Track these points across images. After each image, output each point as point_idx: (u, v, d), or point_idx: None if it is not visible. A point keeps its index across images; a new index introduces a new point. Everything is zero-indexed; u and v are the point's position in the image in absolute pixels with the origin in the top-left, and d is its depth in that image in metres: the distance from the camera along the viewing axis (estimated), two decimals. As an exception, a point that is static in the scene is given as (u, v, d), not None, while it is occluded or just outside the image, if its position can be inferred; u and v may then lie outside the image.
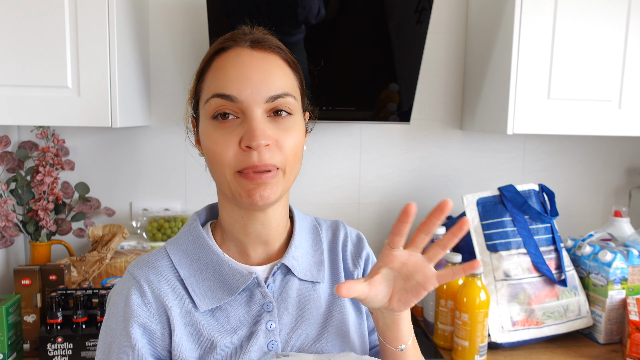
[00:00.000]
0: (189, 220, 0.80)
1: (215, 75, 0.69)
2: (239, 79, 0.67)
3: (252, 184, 0.67)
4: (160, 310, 0.71)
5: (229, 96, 0.67)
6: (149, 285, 0.72)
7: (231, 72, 0.67)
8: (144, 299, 0.71)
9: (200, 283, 0.73)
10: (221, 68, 0.69)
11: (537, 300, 1.36)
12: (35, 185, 1.50)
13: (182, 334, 0.70)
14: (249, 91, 0.66)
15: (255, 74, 0.67)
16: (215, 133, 0.68)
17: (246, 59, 0.68)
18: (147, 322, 0.70)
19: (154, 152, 1.68)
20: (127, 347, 0.69)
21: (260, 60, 0.69)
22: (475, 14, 1.68)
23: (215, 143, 0.68)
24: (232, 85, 0.67)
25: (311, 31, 1.47)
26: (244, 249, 0.76)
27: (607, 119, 1.49)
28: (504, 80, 1.47)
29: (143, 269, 0.73)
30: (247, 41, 0.70)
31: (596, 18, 1.44)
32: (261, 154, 0.66)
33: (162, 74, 1.66)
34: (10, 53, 1.25)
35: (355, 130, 1.76)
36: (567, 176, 1.88)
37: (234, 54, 0.69)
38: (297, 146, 0.70)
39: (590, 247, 1.47)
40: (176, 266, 0.74)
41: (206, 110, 0.69)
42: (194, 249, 0.75)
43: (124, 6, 1.35)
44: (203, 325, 0.71)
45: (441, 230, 1.44)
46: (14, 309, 1.24)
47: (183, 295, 0.72)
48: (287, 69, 0.72)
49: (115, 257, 1.48)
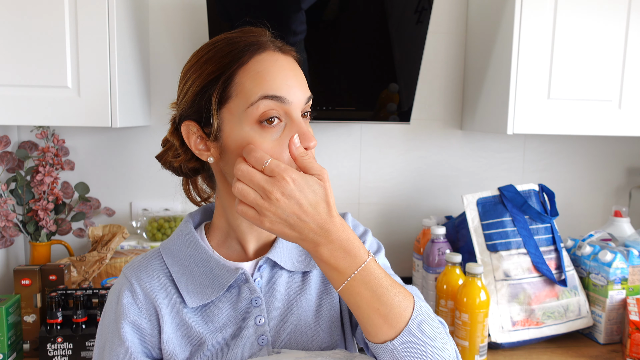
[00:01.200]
0: (182, 221, 0.81)
1: (259, 77, 0.67)
2: (287, 81, 0.68)
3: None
4: (150, 309, 0.73)
5: (281, 97, 0.67)
6: (140, 284, 0.73)
7: (278, 75, 0.68)
8: (134, 298, 0.73)
9: (190, 280, 0.74)
10: (264, 71, 0.67)
11: (537, 300, 1.36)
12: (35, 185, 1.50)
13: (172, 331, 0.72)
14: (294, 94, 0.68)
15: (295, 78, 0.69)
16: (264, 138, 0.66)
17: (285, 63, 0.69)
18: (138, 320, 0.72)
19: (154, 152, 1.67)
20: (118, 346, 0.71)
21: (292, 64, 0.71)
22: (475, 14, 1.68)
23: (270, 146, 0.66)
24: (282, 87, 0.67)
25: (311, 31, 1.47)
26: (245, 247, 0.77)
27: (607, 119, 1.49)
28: (504, 80, 1.47)
29: (135, 269, 0.75)
30: (272, 44, 0.71)
31: (596, 18, 1.44)
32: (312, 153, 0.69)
33: (162, 74, 1.66)
34: (10, 53, 1.25)
35: (355, 130, 1.76)
36: (567, 176, 1.88)
37: (271, 58, 0.69)
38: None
39: (590, 247, 1.47)
40: (167, 265, 0.75)
41: (251, 114, 0.67)
42: (185, 248, 0.77)
43: (124, 6, 1.35)
44: (192, 322, 0.72)
45: (441, 230, 1.44)
46: (14, 309, 1.24)
47: (173, 293, 0.74)
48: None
49: (115, 257, 1.48)
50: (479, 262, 1.36)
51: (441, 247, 1.44)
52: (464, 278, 1.29)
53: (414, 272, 1.60)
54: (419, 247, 1.58)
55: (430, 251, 1.46)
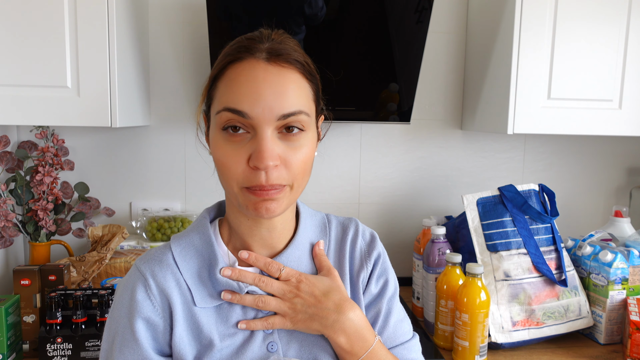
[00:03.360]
0: (199, 216, 0.80)
1: (228, 87, 0.67)
2: (252, 96, 0.65)
3: (258, 199, 0.68)
4: (164, 305, 0.72)
5: (241, 112, 0.65)
6: (154, 279, 0.72)
7: (244, 87, 0.66)
8: (148, 293, 0.72)
9: (198, 284, 0.73)
10: (234, 80, 0.67)
11: (538, 301, 1.36)
12: (34, 185, 1.50)
13: (183, 329, 0.71)
14: (260, 109, 0.65)
15: (269, 91, 0.65)
16: (225, 145, 0.68)
17: (260, 74, 0.66)
18: (151, 316, 0.71)
19: (154, 152, 1.68)
20: (130, 341, 0.70)
21: (276, 76, 0.66)
22: (475, 14, 1.68)
23: (225, 156, 0.67)
24: (244, 101, 0.65)
25: (311, 31, 1.47)
26: (249, 249, 0.77)
27: (607, 119, 1.49)
28: (504, 80, 1.47)
29: (149, 263, 0.74)
30: (264, 52, 0.67)
31: (596, 18, 1.43)
32: (269, 174, 0.66)
33: (162, 74, 1.65)
34: (10, 53, 1.25)
35: (355, 130, 1.76)
36: (567, 176, 1.88)
37: (249, 67, 0.67)
38: (307, 161, 0.70)
39: (590, 247, 1.46)
40: (177, 263, 0.74)
41: (217, 121, 0.68)
42: (200, 246, 0.76)
43: (123, 6, 1.35)
44: (203, 322, 0.72)
45: (441, 230, 1.44)
46: (14, 309, 1.24)
47: (186, 290, 0.73)
48: (303, 82, 0.70)
49: (115, 257, 1.47)
50: (479, 262, 1.36)
51: (441, 247, 1.44)
52: (464, 278, 1.29)
53: (414, 272, 1.60)
54: (419, 247, 1.58)
55: (430, 251, 1.45)
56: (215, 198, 0.79)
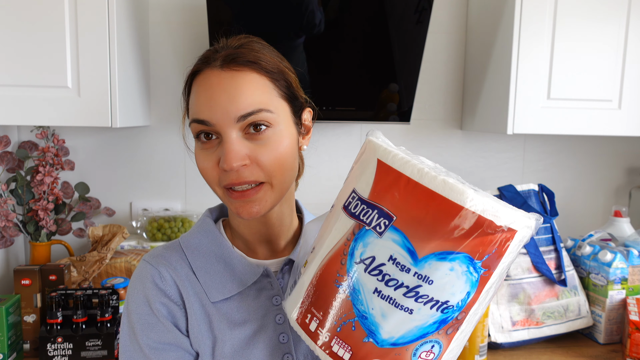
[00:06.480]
0: (202, 216, 0.82)
1: (193, 99, 0.71)
2: (208, 103, 0.68)
3: (238, 201, 0.70)
4: (179, 294, 0.74)
5: (203, 121, 0.68)
6: (168, 271, 0.74)
7: (202, 97, 0.69)
8: (163, 282, 0.73)
9: (212, 275, 0.75)
10: (195, 92, 0.70)
11: (537, 300, 1.36)
12: (35, 185, 1.50)
13: (197, 321, 0.73)
14: (219, 114, 0.67)
15: (224, 96, 0.67)
16: (200, 153, 0.71)
17: (214, 82, 0.68)
18: (168, 302, 0.73)
19: (154, 152, 1.68)
20: (154, 324, 0.71)
21: (228, 80, 0.68)
22: (475, 14, 1.68)
23: (201, 162, 0.71)
24: (204, 110, 0.68)
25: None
26: (250, 246, 0.79)
27: (607, 119, 1.49)
28: (504, 80, 1.47)
29: (158, 258, 0.76)
30: (219, 60, 0.69)
31: (596, 18, 1.44)
32: (239, 173, 0.68)
33: (162, 74, 1.66)
34: (10, 53, 1.25)
35: (355, 130, 1.76)
36: (567, 176, 1.88)
37: (206, 77, 0.69)
38: (281, 157, 0.70)
39: (590, 247, 1.47)
40: (189, 258, 0.76)
41: (192, 131, 0.72)
42: (206, 242, 0.78)
43: (124, 6, 1.35)
44: (214, 315, 0.73)
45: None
46: (14, 309, 1.24)
47: (196, 284, 0.75)
48: (262, 81, 0.69)
49: (115, 257, 1.47)
50: (479, 262, 1.36)
51: (441, 247, 1.44)
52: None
53: (414, 272, 1.60)
54: (419, 247, 1.58)
55: (430, 251, 1.45)
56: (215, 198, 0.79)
